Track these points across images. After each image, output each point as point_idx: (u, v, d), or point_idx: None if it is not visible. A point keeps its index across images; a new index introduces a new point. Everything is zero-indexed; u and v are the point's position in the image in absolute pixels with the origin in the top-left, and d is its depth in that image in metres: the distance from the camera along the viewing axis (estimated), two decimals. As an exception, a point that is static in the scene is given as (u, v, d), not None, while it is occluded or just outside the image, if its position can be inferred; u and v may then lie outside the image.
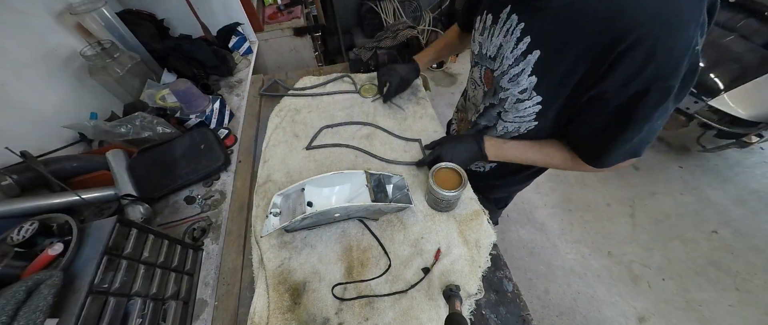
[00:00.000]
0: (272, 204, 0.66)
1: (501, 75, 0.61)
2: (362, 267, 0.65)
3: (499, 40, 0.59)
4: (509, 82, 0.59)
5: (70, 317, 0.41)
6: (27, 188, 0.71)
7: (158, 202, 0.81)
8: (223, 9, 1.46)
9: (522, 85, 0.57)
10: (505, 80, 0.60)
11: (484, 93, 0.72)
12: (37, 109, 0.87)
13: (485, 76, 0.68)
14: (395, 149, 0.87)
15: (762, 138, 1.76)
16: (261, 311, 0.60)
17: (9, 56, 0.82)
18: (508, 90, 0.60)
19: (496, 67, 0.62)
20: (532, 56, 0.53)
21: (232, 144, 0.97)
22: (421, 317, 0.57)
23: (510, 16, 0.56)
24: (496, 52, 0.61)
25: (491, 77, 0.65)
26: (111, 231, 0.50)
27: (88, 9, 0.98)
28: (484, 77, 0.69)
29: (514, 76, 0.58)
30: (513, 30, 0.55)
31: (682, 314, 1.51)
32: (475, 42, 0.68)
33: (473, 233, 0.68)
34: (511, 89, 0.60)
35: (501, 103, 0.65)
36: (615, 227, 1.85)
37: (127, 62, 1.04)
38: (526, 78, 0.56)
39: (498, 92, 0.64)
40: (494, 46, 0.61)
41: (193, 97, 0.95)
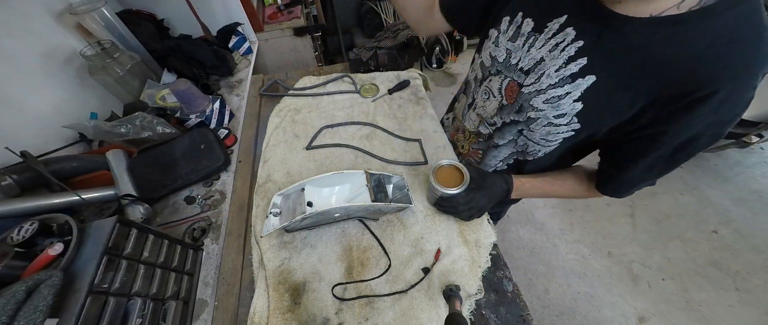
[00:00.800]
0: (272, 204, 0.66)
1: (535, 93, 0.53)
2: (362, 267, 0.65)
3: (542, 53, 0.51)
4: (545, 103, 0.52)
5: (70, 317, 0.41)
6: (27, 188, 0.71)
7: (158, 202, 0.81)
8: (223, 9, 1.46)
9: (562, 109, 0.51)
10: (540, 100, 0.52)
11: (500, 106, 0.63)
12: (37, 109, 0.87)
13: (508, 88, 0.59)
14: (395, 149, 0.87)
15: (762, 138, 1.77)
16: (261, 311, 0.60)
17: (9, 56, 0.82)
18: (542, 111, 0.53)
19: (530, 83, 0.54)
20: (584, 81, 0.47)
21: (232, 144, 0.97)
22: (421, 317, 0.57)
23: (564, 28, 0.48)
24: (533, 65, 0.53)
25: (517, 92, 0.57)
26: (111, 231, 0.50)
27: (88, 9, 0.98)
28: (506, 89, 0.59)
29: (554, 99, 0.51)
30: (566, 46, 0.47)
31: (682, 314, 1.51)
32: (498, 46, 0.58)
33: (473, 233, 0.68)
34: (547, 111, 0.52)
35: (528, 122, 0.57)
36: (615, 227, 1.85)
37: (127, 62, 1.04)
38: (570, 103, 0.49)
39: (525, 111, 0.56)
40: (532, 58, 0.52)
41: (193, 97, 0.95)
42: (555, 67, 0.49)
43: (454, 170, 0.67)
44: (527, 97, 0.55)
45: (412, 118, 0.95)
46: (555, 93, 0.50)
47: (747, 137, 1.77)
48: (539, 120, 0.55)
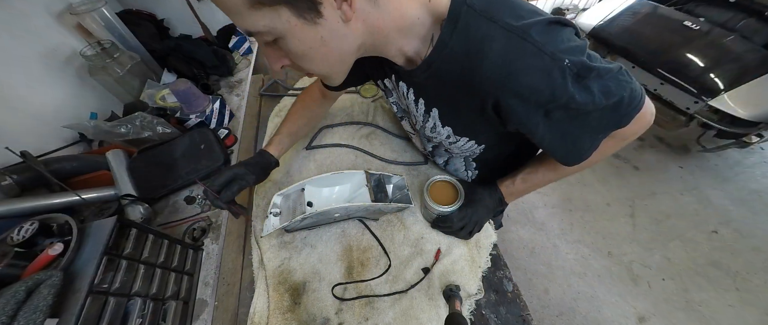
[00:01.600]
0: (272, 204, 0.66)
1: (422, 128, 0.63)
2: (362, 267, 0.65)
3: (405, 101, 0.60)
4: (431, 132, 0.61)
5: (70, 317, 0.41)
6: (27, 188, 0.71)
7: (158, 202, 0.81)
8: (223, 9, 1.46)
9: (442, 134, 0.59)
10: (428, 130, 0.61)
11: (421, 139, 0.73)
12: (37, 109, 0.87)
13: (413, 126, 0.71)
14: (395, 149, 0.87)
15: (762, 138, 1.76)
16: (261, 311, 0.60)
17: (9, 56, 0.82)
18: (436, 138, 0.62)
19: (416, 121, 0.64)
20: (434, 113, 0.56)
21: (232, 144, 0.97)
22: (421, 317, 0.57)
23: (398, 83, 0.57)
24: (406, 109, 0.64)
25: (417, 129, 0.67)
26: (111, 231, 0.50)
27: (88, 9, 0.98)
28: (414, 128, 0.71)
29: (431, 128, 0.60)
30: (407, 94, 0.57)
31: (682, 314, 1.51)
32: (390, 102, 0.69)
33: (473, 233, 0.68)
34: (437, 137, 0.61)
35: (440, 146, 0.67)
36: (615, 227, 1.85)
37: (127, 62, 1.04)
38: (441, 128, 0.58)
39: (430, 140, 0.67)
40: (403, 105, 0.64)
41: (193, 97, 0.95)
42: (415, 109, 0.58)
43: (446, 185, 0.67)
44: (422, 130, 0.64)
45: (412, 118, 0.95)
46: (428, 125, 0.59)
47: (747, 137, 1.76)
48: (442, 142, 0.63)
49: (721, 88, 1.68)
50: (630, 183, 2.06)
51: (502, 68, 0.40)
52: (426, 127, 0.61)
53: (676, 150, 2.23)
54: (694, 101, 1.75)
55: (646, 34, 2.01)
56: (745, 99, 1.65)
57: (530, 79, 0.40)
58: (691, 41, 1.88)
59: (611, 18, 2.15)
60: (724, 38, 1.84)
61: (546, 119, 0.45)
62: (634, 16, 2.14)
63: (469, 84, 0.44)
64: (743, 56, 1.75)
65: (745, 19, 1.99)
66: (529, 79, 0.40)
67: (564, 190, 2.05)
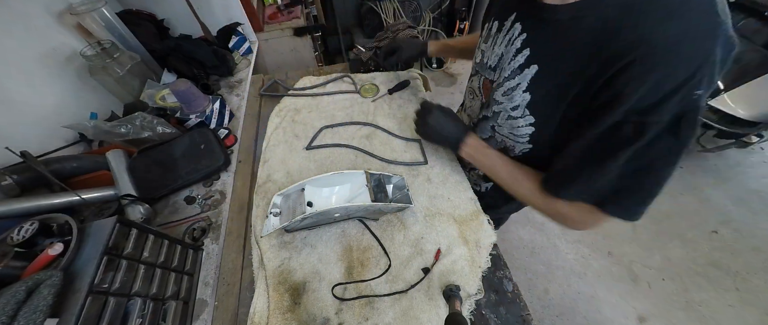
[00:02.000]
0: (272, 204, 0.66)
1: (497, 87, 0.57)
2: (362, 267, 0.65)
3: (501, 49, 0.55)
4: (503, 96, 0.55)
5: (70, 317, 0.41)
6: (27, 188, 0.71)
7: (158, 202, 0.81)
8: (223, 9, 1.46)
9: (515, 100, 0.53)
10: (500, 93, 0.56)
11: (481, 104, 0.68)
12: (37, 109, 0.87)
13: (483, 86, 0.65)
14: (395, 149, 0.87)
15: (762, 138, 1.76)
16: (261, 311, 0.60)
17: (9, 56, 0.82)
18: (502, 104, 0.57)
19: (495, 78, 0.58)
20: (529, 71, 0.49)
21: (232, 144, 0.97)
22: (421, 317, 0.57)
23: (514, 24, 0.52)
24: (496, 62, 0.57)
25: (489, 88, 0.61)
26: (111, 231, 0.50)
27: (88, 9, 0.98)
28: (483, 87, 0.65)
29: (509, 90, 0.54)
30: (514, 40, 0.51)
31: (682, 314, 1.51)
32: (478, 49, 0.65)
33: (473, 234, 0.68)
34: (505, 104, 0.56)
35: (494, 117, 0.61)
36: (615, 227, 1.85)
37: (127, 62, 1.04)
38: (520, 94, 0.52)
39: (491, 105, 0.61)
40: (495, 55, 0.57)
41: (193, 97, 0.95)
42: (508, 61, 0.53)
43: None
44: (493, 91, 0.59)
45: (411, 118, 0.95)
46: (509, 85, 0.54)
47: (747, 137, 1.76)
48: (501, 113, 0.58)
49: (721, 88, 1.68)
50: (630, 183, 2.06)
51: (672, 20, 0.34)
52: (503, 86, 0.55)
53: (676, 150, 2.23)
54: (694, 101, 1.75)
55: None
56: (745, 99, 1.65)
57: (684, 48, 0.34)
58: (691, 41, 1.88)
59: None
60: (724, 38, 1.84)
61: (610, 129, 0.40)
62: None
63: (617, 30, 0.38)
64: (743, 56, 1.75)
65: (745, 19, 1.99)
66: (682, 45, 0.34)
67: (564, 190, 2.05)
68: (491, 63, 0.59)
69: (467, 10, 2.92)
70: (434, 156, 0.84)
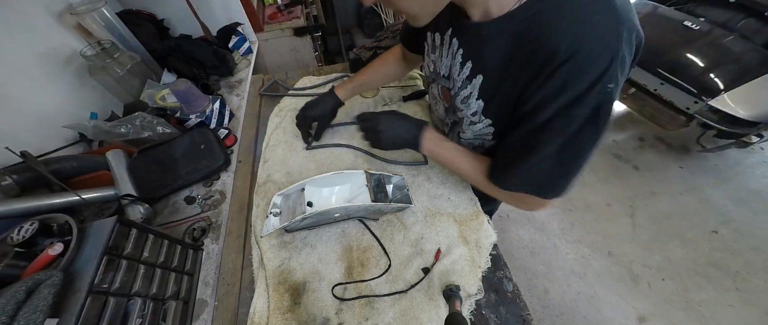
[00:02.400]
0: (272, 204, 0.66)
1: (455, 95, 0.60)
2: (362, 267, 0.65)
3: (448, 61, 0.58)
4: (462, 104, 0.59)
5: (70, 317, 0.41)
6: (27, 188, 0.71)
7: (158, 202, 0.81)
8: (223, 9, 1.46)
9: (472, 107, 0.57)
10: (459, 101, 0.60)
11: (445, 109, 0.70)
12: (37, 109, 0.87)
13: (442, 93, 0.68)
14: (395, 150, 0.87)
15: (762, 138, 1.77)
16: (261, 311, 0.60)
17: (9, 56, 0.82)
18: (463, 111, 0.60)
19: (451, 86, 0.61)
20: (477, 80, 0.53)
21: (232, 144, 0.97)
22: (421, 317, 0.57)
23: (452, 39, 0.56)
24: (448, 71, 0.60)
25: (448, 95, 0.64)
26: (111, 231, 0.50)
27: (88, 9, 0.98)
28: (442, 94, 0.68)
29: (465, 99, 0.58)
30: (455, 53, 0.55)
31: (682, 314, 1.51)
32: (427, 59, 0.67)
33: (473, 233, 0.68)
34: (465, 110, 0.59)
35: (459, 124, 0.65)
36: (615, 227, 1.85)
37: (127, 62, 1.04)
38: (475, 101, 0.56)
39: (455, 112, 0.64)
40: (445, 66, 0.60)
41: (193, 97, 0.95)
42: (457, 72, 0.56)
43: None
44: (453, 98, 0.62)
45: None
46: (464, 94, 0.57)
47: (747, 137, 1.76)
48: (464, 119, 0.61)
49: (721, 88, 1.68)
50: (630, 183, 2.06)
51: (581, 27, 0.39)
52: (459, 95, 0.58)
53: (676, 150, 2.24)
54: (694, 101, 1.75)
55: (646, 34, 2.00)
56: (745, 99, 1.65)
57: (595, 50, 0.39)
58: (691, 41, 1.88)
59: (611, 18, 2.15)
60: (724, 38, 1.84)
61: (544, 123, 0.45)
62: (634, 16, 2.13)
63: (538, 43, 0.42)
64: (743, 56, 1.75)
65: (745, 19, 1.99)
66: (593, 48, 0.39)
67: (564, 190, 2.05)
68: (444, 72, 0.62)
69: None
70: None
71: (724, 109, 1.67)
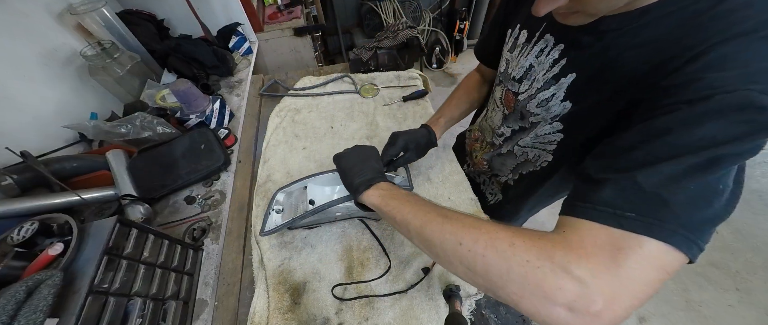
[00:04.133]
0: (275, 201, 0.66)
1: (528, 99, 0.54)
2: (362, 267, 0.65)
3: (530, 60, 0.52)
4: (538, 107, 0.53)
5: (70, 317, 0.41)
6: (27, 188, 0.71)
7: (158, 202, 0.81)
8: (223, 9, 1.46)
9: (553, 111, 0.50)
10: (533, 104, 0.53)
11: (503, 116, 0.65)
12: (37, 109, 0.87)
13: (506, 97, 0.62)
14: (395, 149, 0.87)
15: (762, 138, 1.76)
16: (261, 311, 0.60)
17: (9, 56, 0.82)
18: (539, 115, 0.53)
19: (523, 90, 0.55)
20: (566, 80, 0.46)
21: (232, 144, 0.97)
22: (421, 317, 0.57)
23: (544, 35, 0.49)
24: (523, 73, 0.55)
25: (513, 100, 0.59)
26: (111, 231, 0.50)
27: (88, 9, 0.98)
28: (505, 99, 0.62)
29: (544, 101, 0.51)
30: (549, 51, 0.49)
31: (682, 314, 1.51)
32: (502, 58, 0.61)
33: (473, 233, 0.68)
34: (542, 114, 0.53)
35: (531, 128, 0.57)
36: (615, 227, 1.85)
37: (127, 62, 1.04)
38: (559, 104, 0.49)
39: (527, 117, 0.56)
40: (522, 67, 0.54)
41: (193, 97, 0.95)
42: (543, 71, 0.50)
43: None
44: (523, 103, 0.56)
45: (412, 119, 0.96)
46: (543, 96, 0.51)
47: (747, 137, 1.77)
48: (540, 124, 0.55)
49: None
50: (630, 183, 2.06)
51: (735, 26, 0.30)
52: (536, 98, 0.52)
53: (676, 150, 2.24)
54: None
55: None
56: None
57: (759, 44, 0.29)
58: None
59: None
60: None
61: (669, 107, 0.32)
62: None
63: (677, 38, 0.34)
64: (743, 56, 1.75)
65: (745, 19, 1.99)
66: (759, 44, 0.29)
67: (564, 190, 2.05)
68: (516, 74, 0.56)
69: (467, 10, 2.93)
70: (434, 156, 0.84)
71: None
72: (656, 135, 0.32)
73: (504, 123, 0.66)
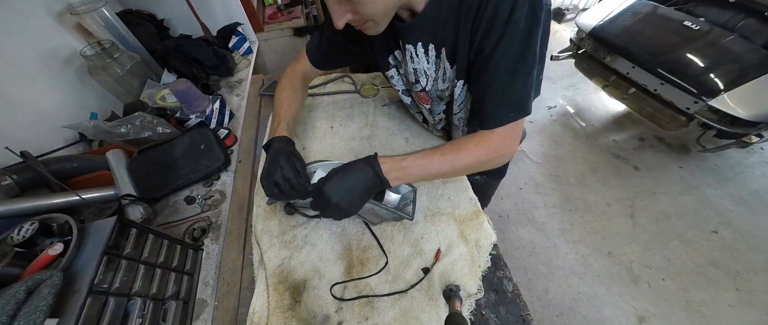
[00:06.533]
0: None
1: (434, 82, 0.68)
2: (362, 266, 0.65)
3: (411, 66, 0.66)
4: (444, 82, 0.66)
5: (70, 317, 0.41)
6: (27, 188, 0.71)
7: (158, 202, 0.81)
8: (223, 9, 1.46)
9: (448, 75, 0.64)
10: (440, 82, 0.67)
11: (429, 110, 0.78)
12: (37, 109, 0.87)
13: (420, 99, 0.75)
14: (395, 150, 0.87)
15: (762, 138, 1.76)
16: (261, 310, 0.60)
17: (9, 56, 0.82)
18: (447, 86, 0.67)
19: (425, 83, 0.69)
20: (443, 53, 0.61)
21: (232, 144, 0.97)
22: (421, 317, 0.57)
23: (405, 45, 0.63)
24: (414, 75, 0.68)
25: (425, 94, 0.72)
26: (111, 231, 0.50)
27: (88, 9, 0.98)
28: (419, 99, 0.76)
29: (442, 76, 0.65)
30: (416, 52, 0.63)
31: (682, 314, 1.51)
32: (397, 77, 0.74)
33: (473, 233, 0.68)
34: (448, 84, 0.66)
35: (452, 103, 0.71)
36: (615, 227, 1.85)
37: (127, 62, 1.04)
38: (449, 69, 0.63)
39: (443, 96, 0.71)
40: (411, 72, 0.68)
41: (193, 97, 0.95)
42: (426, 62, 0.64)
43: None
44: (433, 89, 0.70)
45: (411, 119, 0.95)
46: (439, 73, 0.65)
47: (747, 137, 1.76)
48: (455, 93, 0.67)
49: (721, 89, 1.68)
50: (630, 183, 2.06)
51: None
52: (438, 79, 0.66)
53: (676, 150, 2.24)
54: (694, 101, 1.75)
55: (646, 34, 2.01)
56: (745, 99, 1.65)
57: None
58: (691, 41, 1.88)
59: (611, 18, 2.15)
60: (724, 38, 1.84)
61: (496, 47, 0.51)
62: (634, 16, 2.14)
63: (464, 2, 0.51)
64: (743, 56, 1.75)
65: (745, 19, 1.99)
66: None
67: (564, 190, 2.05)
68: (412, 79, 0.69)
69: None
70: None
71: (724, 109, 1.67)
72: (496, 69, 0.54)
73: (432, 114, 0.79)
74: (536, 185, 2.10)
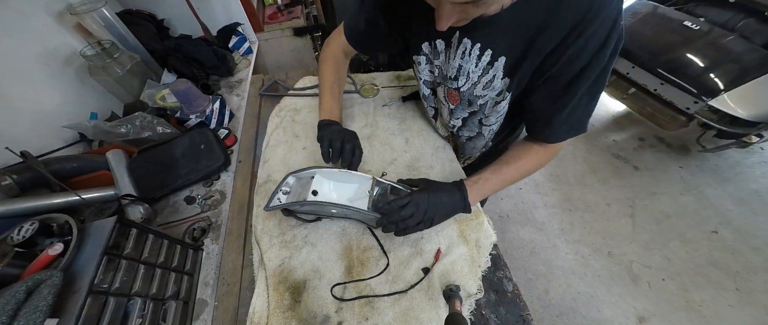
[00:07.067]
0: (285, 183, 0.67)
1: (472, 86, 0.64)
2: (362, 267, 0.65)
3: (458, 62, 0.62)
4: (484, 89, 0.63)
5: (70, 317, 0.42)
6: (27, 188, 0.71)
7: (158, 202, 0.81)
8: (223, 9, 1.46)
9: (497, 88, 0.62)
10: (479, 88, 0.63)
11: (450, 110, 0.75)
12: (37, 109, 0.87)
13: (448, 95, 0.72)
14: (395, 149, 0.87)
15: (762, 138, 1.76)
16: (260, 311, 0.60)
17: (9, 56, 0.82)
18: (486, 95, 0.64)
19: (463, 84, 0.65)
20: (499, 62, 0.58)
21: (232, 144, 0.97)
22: (421, 317, 0.57)
23: (461, 40, 0.59)
24: (456, 72, 0.64)
25: (457, 94, 0.69)
26: (111, 231, 0.50)
27: (88, 9, 0.98)
28: (449, 96, 0.72)
29: (488, 83, 0.62)
30: (469, 51, 0.59)
31: (682, 314, 1.51)
32: (429, 66, 0.71)
33: (473, 233, 0.68)
34: (489, 94, 0.63)
35: (481, 110, 0.69)
36: (615, 227, 1.85)
37: (127, 62, 1.04)
38: (500, 81, 0.60)
39: (474, 101, 0.67)
40: (453, 67, 0.64)
41: (193, 97, 0.95)
42: (473, 65, 0.61)
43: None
44: (467, 92, 0.66)
45: (411, 119, 0.96)
46: (486, 79, 0.61)
47: (747, 137, 1.76)
48: (488, 103, 0.66)
49: (721, 89, 1.68)
50: (630, 183, 2.06)
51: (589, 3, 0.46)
52: (480, 83, 0.62)
53: (676, 150, 2.24)
54: (694, 101, 1.75)
55: (646, 34, 2.01)
56: (745, 99, 1.65)
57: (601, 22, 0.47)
58: (691, 41, 1.88)
59: (611, 18, 2.15)
60: (724, 38, 1.84)
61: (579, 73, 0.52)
62: (634, 16, 2.14)
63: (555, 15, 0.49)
64: (743, 56, 1.75)
65: (745, 19, 1.99)
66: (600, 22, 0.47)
67: (564, 190, 2.05)
68: (451, 74, 0.65)
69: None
70: (433, 156, 0.84)
71: (724, 109, 1.67)
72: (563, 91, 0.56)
73: (452, 116, 0.76)
74: (536, 184, 2.10)
